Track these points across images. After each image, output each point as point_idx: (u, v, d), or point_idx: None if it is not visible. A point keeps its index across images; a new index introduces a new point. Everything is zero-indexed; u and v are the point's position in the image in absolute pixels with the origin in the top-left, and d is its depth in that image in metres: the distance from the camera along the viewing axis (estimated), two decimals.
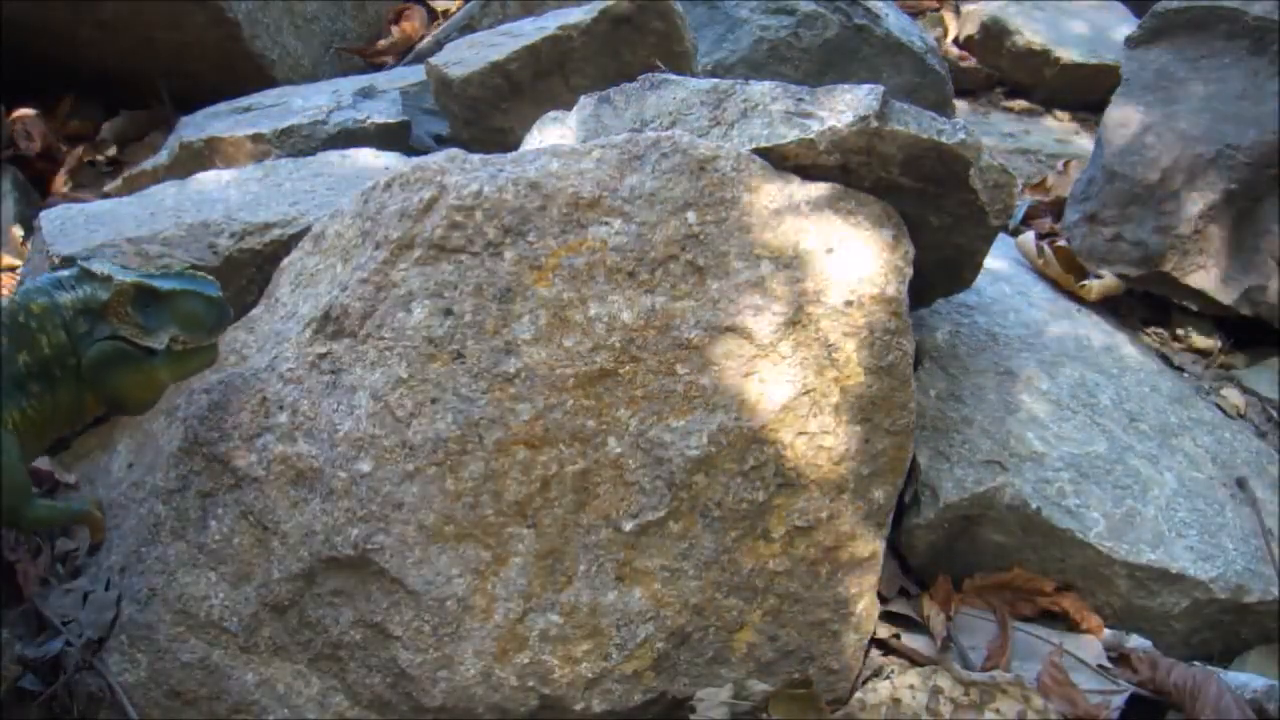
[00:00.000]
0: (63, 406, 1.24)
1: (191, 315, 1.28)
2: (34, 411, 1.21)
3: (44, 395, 1.22)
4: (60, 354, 1.22)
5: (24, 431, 1.20)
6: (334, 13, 2.96)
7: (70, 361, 1.22)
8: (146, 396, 1.30)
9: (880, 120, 1.41)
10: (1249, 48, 2.00)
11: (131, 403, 1.30)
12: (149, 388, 1.29)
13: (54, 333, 1.21)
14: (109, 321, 1.24)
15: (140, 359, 1.26)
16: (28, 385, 1.20)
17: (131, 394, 1.28)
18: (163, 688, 1.36)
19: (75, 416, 1.28)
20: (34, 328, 1.20)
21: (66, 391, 1.23)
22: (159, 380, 1.29)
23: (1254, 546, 1.61)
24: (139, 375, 1.26)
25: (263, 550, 1.36)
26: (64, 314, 1.22)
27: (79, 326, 1.23)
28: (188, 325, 1.28)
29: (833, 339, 1.38)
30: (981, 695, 1.30)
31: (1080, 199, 2.18)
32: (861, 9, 2.78)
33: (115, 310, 1.24)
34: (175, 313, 1.27)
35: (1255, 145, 1.94)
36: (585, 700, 1.31)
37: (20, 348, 1.20)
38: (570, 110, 1.64)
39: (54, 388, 1.22)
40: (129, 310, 1.24)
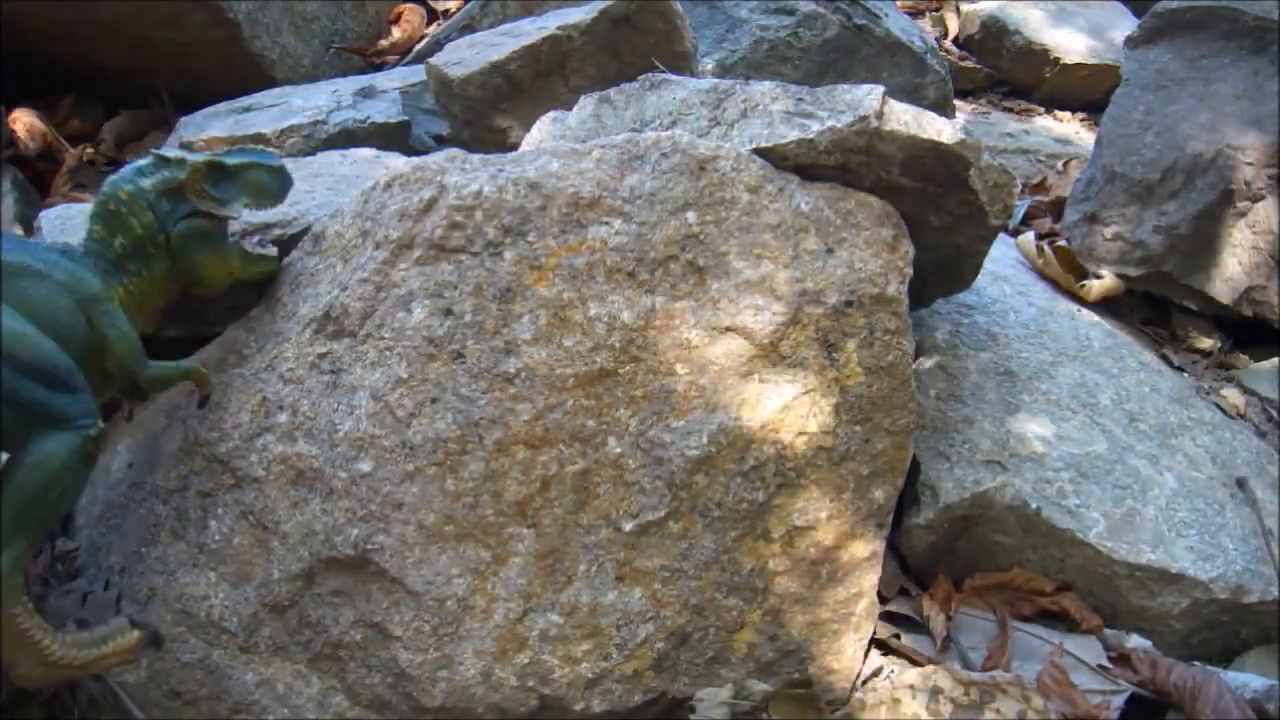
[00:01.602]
0: (159, 280, 1.38)
1: (258, 185, 1.45)
2: (135, 287, 1.35)
3: (141, 272, 1.35)
4: (151, 233, 1.35)
5: (127, 306, 1.33)
6: (334, 13, 2.96)
7: (160, 239, 1.36)
8: (220, 278, 1.44)
9: (880, 120, 1.41)
10: (1249, 48, 2.00)
11: (208, 281, 1.43)
12: (223, 269, 1.43)
13: (142, 214, 1.35)
14: (188, 199, 1.38)
15: (218, 240, 1.42)
16: (126, 265, 1.34)
17: (209, 273, 1.42)
18: (163, 688, 1.36)
19: (170, 289, 1.41)
20: (124, 213, 1.34)
21: (160, 266, 1.38)
22: (231, 264, 1.44)
23: (1254, 546, 1.61)
24: (216, 256, 1.42)
25: (263, 550, 1.36)
26: (148, 197, 1.36)
27: (163, 206, 1.36)
28: (256, 194, 1.45)
29: (833, 339, 1.38)
30: (981, 695, 1.30)
31: (1080, 199, 2.18)
32: (861, 9, 2.78)
33: (192, 188, 1.38)
34: (244, 184, 1.43)
35: (1255, 145, 1.94)
36: (585, 700, 1.31)
37: (114, 233, 1.34)
38: (570, 110, 1.64)
39: (149, 264, 1.36)
40: (204, 186, 1.39)
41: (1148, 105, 2.10)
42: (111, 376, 1.29)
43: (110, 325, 1.27)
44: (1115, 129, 2.13)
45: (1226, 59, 2.03)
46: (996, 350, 1.77)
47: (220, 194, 1.41)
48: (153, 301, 1.39)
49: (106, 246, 1.33)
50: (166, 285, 1.40)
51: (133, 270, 1.35)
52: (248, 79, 2.59)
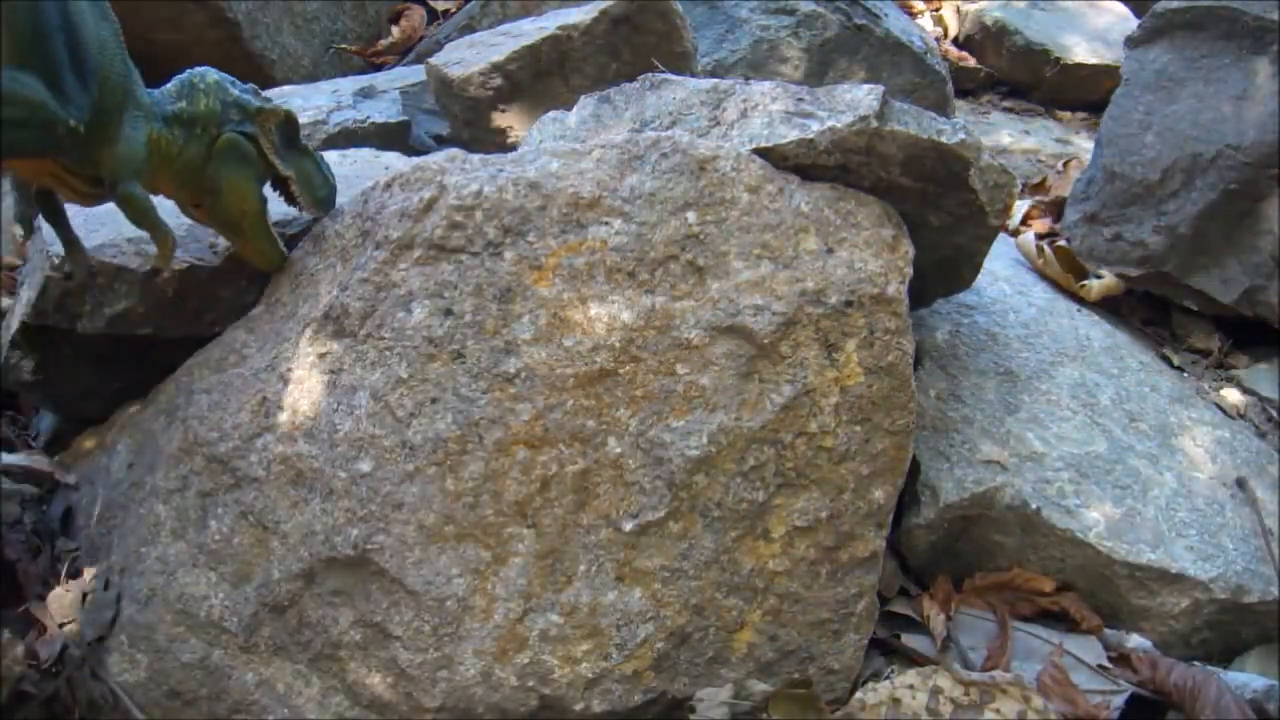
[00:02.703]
0: (185, 159, 1.41)
1: (310, 178, 1.51)
2: (165, 145, 1.38)
3: (176, 140, 1.39)
4: (206, 118, 1.41)
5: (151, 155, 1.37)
6: (334, 13, 2.96)
7: (212, 130, 1.41)
8: (233, 203, 1.45)
9: (880, 120, 1.41)
10: (1249, 48, 2.00)
11: (222, 199, 1.44)
12: (239, 199, 1.45)
13: (212, 101, 1.41)
14: (255, 126, 1.44)
15: (253, 173, 1.45)
16: (172, 125, 1.39)
17: (226, 191, 1.44)
18: (163, 688, 1.36)
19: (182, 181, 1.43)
20: (200, 89, 1.41)
21: (193, 151, 1.41)
22: (249, 204, 1.46)
23: (1254, 546, 1.61)
24: (241, 181, 1.44)
25: (263, 550, 1.36)
26: (226, 96, 1.42)
27: (231, 113, 1.43)
28: (304, 182, 1.51)
29: (833, 339, 1.38)
30: (981, 695, 1.30)
31: (1080, 199, 2.18)
32: (861, 9, 2.78)
33: (262, 122, 1.45)
34: (301, 163, 1.50)
35: (1255, 145, 1.94)
36: (585, 700, 1.31)
37: (181, 97, 1.40)
38: (570, 110, 1.64)
39: (188, 141, 1.40)
40: (272, 129, 1.46)
41: (1148, 105, 2.09)
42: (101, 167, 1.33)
43: (130, 126, 1.32)
44: (1115, 129, 2.13)
45: (1226, 59, 2.03)
46: (996, 350, 1.77)
47: (280, 149, 1.47)
48: (165, 175, 1.41)
49: (167, 101, 1.39)
50: (186, 174, 1.42)
51: (174, 134, 1.39)
52: (248, 79, 2.57)
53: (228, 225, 1.48)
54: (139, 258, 1.55)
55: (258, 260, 1.53)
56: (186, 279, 1.56)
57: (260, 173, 1.46)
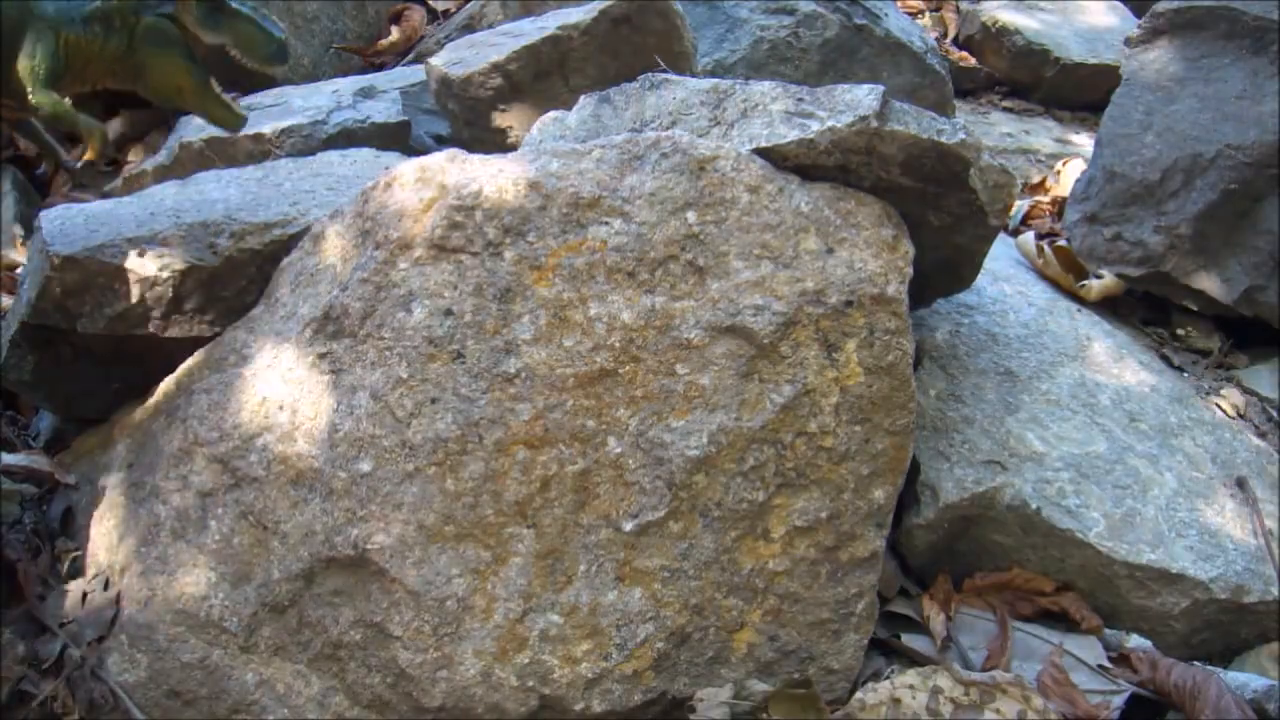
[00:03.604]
0: (108, 53, 1.51)
1: (250, 39, 1.54)
2: (84, 45, 1.48)
3: (98, 37, 1.49)
4: (123, 11, 1.50)
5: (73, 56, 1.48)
6: (334, 13, 2.96)
7: (130, 21, 1.50)
8: (165, 85, 1.54)
9: (880, 120, 1.41)
10: (1249, 48, 2.00)
11: (153, 83, 1.55)
12: (171, 77, 1.53)
13: None
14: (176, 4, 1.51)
15: (179, 52, 1.52)
16: (90, 24, 1.49)
17: (156, 75, 1.54)
18: (163, 688, 1.36)
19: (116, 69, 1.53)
20: None
21: (116, 44, 1.50)
22: (181, 79, 1.54)
23: (1254, 546, 1.61)
24: (170, 62, 1.53)
25: (263, 550, 1.36)
26: None
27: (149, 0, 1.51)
28: (245, 46, 1.54)
29: (833, 339, 1.38)
30: (981, 695, 1.30)
31: (1080, 199, 2.18)
32: (861, 9, 2.78)
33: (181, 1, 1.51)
34: (235, 30, 1.53)
35: (1255, 145, 1.93)
36: (585, 700, 1.31)
37: None
38: (570, 110, 1.64)
39: (108, 35, 1.50)
40: (193, 5, 1.50)
41: (1148, 105, 2.09)
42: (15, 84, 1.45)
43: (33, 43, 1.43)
44: (1115, 129, 2.13)
45: (1226, 59, 2.03)
46: (996, 350, 1.77)
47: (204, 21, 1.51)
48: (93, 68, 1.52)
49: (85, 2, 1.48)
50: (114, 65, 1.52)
51: (94, 31, 1.48)
52: (248, 79, 2.58)
53: (168, 100, 1.57)
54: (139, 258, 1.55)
55: (217, 124, 1.62)
56: (186, 279, 1.56)
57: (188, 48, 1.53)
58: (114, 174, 2.46)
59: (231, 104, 1.59)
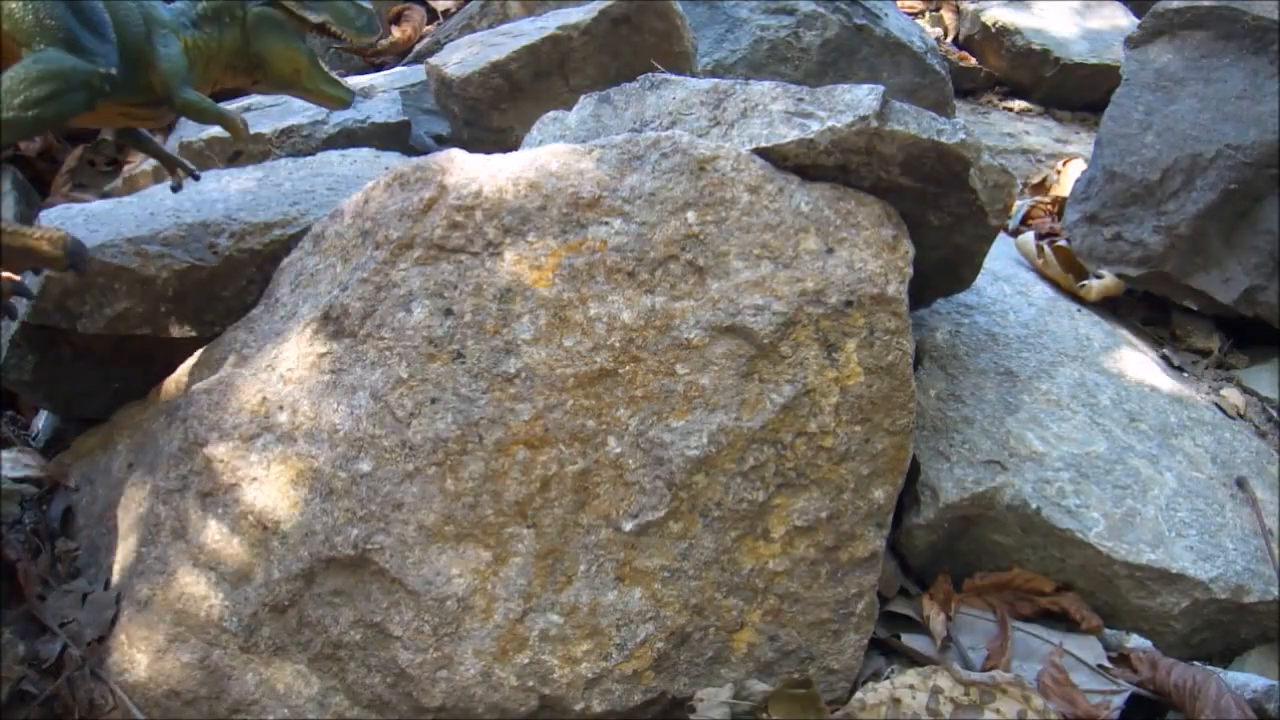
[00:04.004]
0: (225, 49, 1.57)
1: (344, 15, 1.61)
2: (202, 44, 1.53)
3: (212, 36, 1.55)
4: (227, 6, 1.55)
5: (194, 59, 1.52)
6: None
7: (238, 14, 1.56)
8: (284, 69, 1.60)
9: (880, 120, 1.41)
10: (1249, 48, 2.00)
11: (272, 69, 1.60)
12: (289, 62, 1.60)
13: None
14: None
15: (290, 35, 1.59)
16: (202, 25, 1.54)
17: (273, 60, 1.59)
18: (163, 688, 1.36)
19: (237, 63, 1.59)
20: None
21: (231, 38, 1.56)
22: (299, 61, 1.60)
23: (1254, 546, 1.61)
24: (283, 47, 1.59)
25: (263, 550, 1.36)
26: None
27: None
28: (340, 19, 1.61)
29: (833, 339, 1.38)
30: (981, 695, 1.30)
31: (1080, 199, 2.18)
32: (861, 9, 2.78)
33: None
34: (331, 6, 1.60)
35: (1255, 145, 1.94)
36: (585, 700, 1.31)
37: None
38: (570, 110, 1.64)
39: (222, 32, 1.56)
40: None
41: (1148, 105, 2.09)
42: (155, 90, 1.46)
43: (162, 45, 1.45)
44: (1115, 129, 2.13)
45: (1226, 59, 2.03)
46: (996, 350, 1.77)
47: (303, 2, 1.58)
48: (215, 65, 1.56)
49: (191, 5, 1.53)
50: (233, 58, 1.57)
51: (206, 31, 1.53)
52: None
53: (287, 86, 1.63)
54: (139, 258, 1.55)
55: (327, 104, 1.68)
56: (186, 279, 1.56)
57: (296, 29, 1.59)
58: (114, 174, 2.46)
59: (340, 81, 1.67)
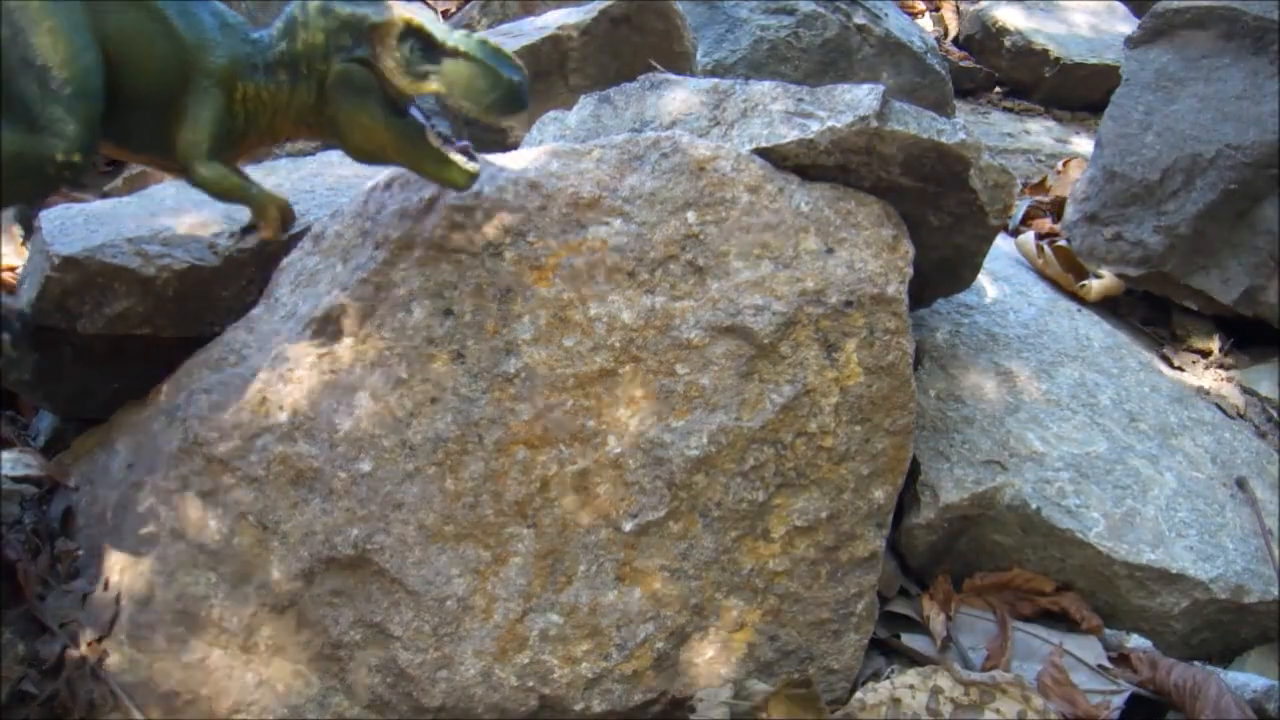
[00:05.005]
0: (296, 104, 1.31)
1: (469, 83, 1.25)
2: (268, 95, 1.29)
3: (284, 86, 1.29)
4: (310, 54, 1.28)
5: (255, 110, 1.29)
6: None
7: (319, 66, 1.28)
8: (360, 141, 1.31)
9: (880, 120, 1.41)
10: (1249, 48, 2.00)
11: (346, 138, 1.32)
12: (367, 134, 1.30)
13: (314, 33, 1.28)
14: (372, 46, 1.26)
15: (376, 103, 1.28)
16: (276, 72, 1.29)
17: (351, 130, 1.30)
18: (163, 688, 1.36)
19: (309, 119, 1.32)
20: (301, 22, 1.29)
21: (304, 91, 1.30)
22: (381, 136, 1.29)
23: (1254, 546, 1.61)
24: (364, 117, 1.28)
25: (263, 550, 1.36)
26: (332, 21, 1.27)
27: (342, 39, 1.27)
28: (460, 91, 1.26)
29: (833, 339, 1.38)
30: (981, 695, 1.30)
31: (1080, 199, 2.18)
32: (861, 9, 2.78)
33: (380, 38, 1.26)
34: (450, 71, 1.25)
35: (1255, 145, 1.94)
36: (585, 700, 1.31)
37: (283, 37, 1.29)
38: (570, 110, 1.64)
39: (295, 83, 1.29)
40: (394, 43, 1.25)
41: (1148, 105, 2.10)
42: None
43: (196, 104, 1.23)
44: (1115, 129, 2.13)
45: (1226, 59, 2.03)
46: (996, 350, 1.77)
47: (411, 62, 1.26)
48: (280, 121, 1.32)
49: (269, 45, 1.29)
50: (303, 117, 1.31)
51: (279, 80, 1.29)
52: None
53: (371, 159, 1.34)
54: (139, 258, 1.55)
55: (439, 183, 1.35)
56: (186, 279, 1.56)
57: (389, 97, 1.28)
58: (114, 174, 2.46)
59: (454, 159, 1.31)
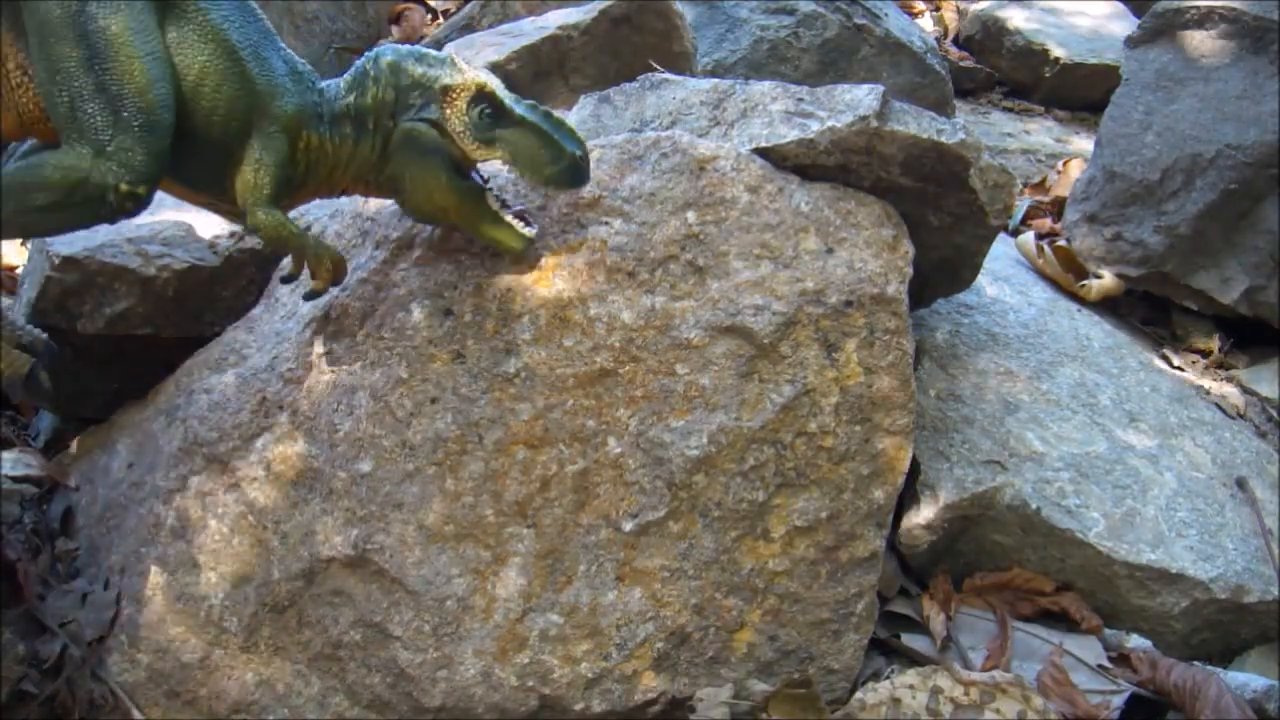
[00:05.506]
0: (358, 159, 1.29)
1: (531, 153, 1.27)
2: (330, 147, 1.28)
3: (348, 139, 1.28)
4: (379, 110, 1.28)
5: (316, 160, 1.28)
6: (334, 13, 2.96)
7: (386, 123, 1.28)
8: (421, 200, 1.30)
9: (880, 120, 1.41)
10: (1249, 48, 2.00)
11: (410, 198, 1.31)
12: (429, 193, 1.29)
13: (385, 90, 1.28)
14: (441, 108, 1.27)
15: (441, 164, 1.28)
16: (341, 124, 1.28)
17: (414, 189, 1.29)
18: (163, 688, 1.36)
19: (369, 176, 1.31)
20: (372, 78, 1.28)
21: (369, 146, 1.29)
22: (442, 197, 1.29)
23: (1254, 546, 1.61)
24: (430, 178, 1.28)
25: (263, 550, 1.36)
26: (403, 80, 1.28)
27: (412, 97, 1.28)
28: (523, 161, 1.28)
29: (833, 339, 1.38)
30: (981, 695, 1.30)
31: (1080, 199, 2.18)
32: (861, 9, 2.78)
33: (450, 100, 1.27)
34: (513, 140, 1.27)
35: (1255, 145, 1.94)
36: (585, 700, 1.31)
37: (352, 89, 1.29)
38: (570, 110, 1.64)
39: (360, 138, 1.29)
40: (463, 106, 1.27)
41: (1148, 105, 2.09)
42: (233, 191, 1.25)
43: (260, 149, 1.21)
44: (1115, 129, 2.13)
45: (1226, 59, 2.03)
46: (996, 350, 1.77)
47: (479, 128, 1.27)
48: (339, 174, 1.31)
49: (337, 97, 1.28)
50: (361, 169, 1.30)
51: (344, 132, 1.28)
52: None
53: (432, 220, 1.35)
54: (139, 258, 1.55)
55: (497, 247, 1.35)
56: (186, 279, 1.56)
57: (453, 159, 1.28)
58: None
59: (512, 224, 1.32)
